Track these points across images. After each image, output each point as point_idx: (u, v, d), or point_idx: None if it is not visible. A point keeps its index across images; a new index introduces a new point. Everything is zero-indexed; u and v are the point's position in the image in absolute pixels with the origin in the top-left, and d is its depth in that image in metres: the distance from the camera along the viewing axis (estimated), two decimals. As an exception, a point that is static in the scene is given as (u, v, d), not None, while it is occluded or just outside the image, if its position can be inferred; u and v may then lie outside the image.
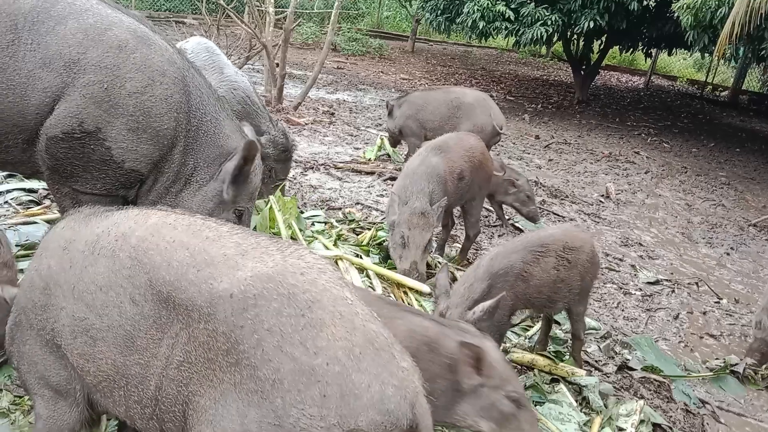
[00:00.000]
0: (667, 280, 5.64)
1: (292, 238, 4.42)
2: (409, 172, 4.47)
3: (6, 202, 4.57)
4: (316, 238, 4.61)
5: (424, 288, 4.02)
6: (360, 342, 1.67)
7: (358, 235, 5.02)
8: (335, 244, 4.52)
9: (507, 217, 6.26)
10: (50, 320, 1.97)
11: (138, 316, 1.81)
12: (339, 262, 4.23)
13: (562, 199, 7.40)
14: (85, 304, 1.88)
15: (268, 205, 4.61)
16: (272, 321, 1.65)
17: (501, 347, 3.54)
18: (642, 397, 3.66)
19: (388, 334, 1.77)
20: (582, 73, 14.32)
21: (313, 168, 6.83)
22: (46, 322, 1.98)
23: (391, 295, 4.09)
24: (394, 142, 7.59)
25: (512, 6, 11.57)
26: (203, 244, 1.82)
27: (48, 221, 4.17)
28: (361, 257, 4.45)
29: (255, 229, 4.41)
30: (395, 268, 4.38)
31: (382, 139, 7.92)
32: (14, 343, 2.12)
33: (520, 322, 4.12)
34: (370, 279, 4.19)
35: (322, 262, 1.84)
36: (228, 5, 9.15)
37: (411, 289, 4.07)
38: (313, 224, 5.02)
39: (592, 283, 3.72)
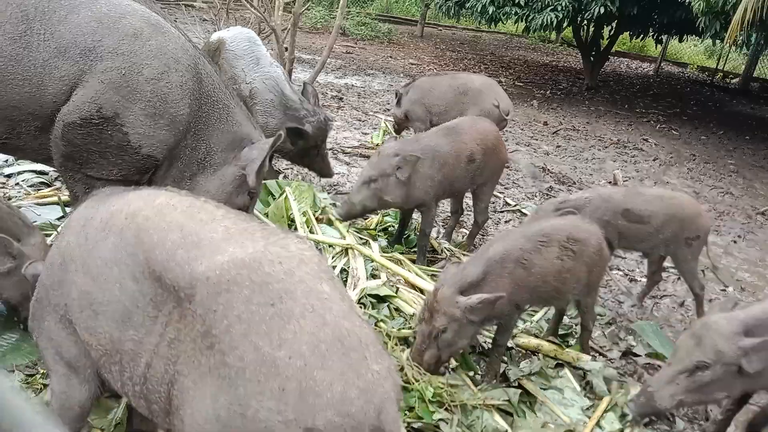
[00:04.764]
0: (673, 267, 5.63)
1: (306, 224, 4.45)
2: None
3: (17, 184, 4.62)
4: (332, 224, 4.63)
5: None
6: (328, 339, 1.61)
7: (365, 219, 5.04)
8: (347, 231, 4.54)
9: (514, 203, 6.25)
10: (64, 295, 2.01)
11: (137, 293, 1.84)
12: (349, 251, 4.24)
13: (569, 186, 7.39)
14: (91, 277, 1.92)
15: (283, 195, 4.63)
16: (241, 308, 1.64)
17: (509, 336, 3.54)
18: (646, 383, 3.69)
19: (365, 334, 1.70)
20: (591, 59, 14.20)
21: (321, 153, 6.83)
22: (60, 298, 2.03)
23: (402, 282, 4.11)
24: (400, 128, 7.59)
25: (522, -9, 11.50)
26: (195, 227, 1.84)
27: (59, 202, 4.22)
28: (369, 243, 4.47)
29: (267, 216, 4.46)
30: (402, 253, 4.39)
31: (386, 124, 7.91)
32: (35, 319, 2.18)
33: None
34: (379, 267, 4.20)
35: (307, 253, 1.81)
36: (237, -12, 9.13)
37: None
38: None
39: (601, 276, 3.67)
